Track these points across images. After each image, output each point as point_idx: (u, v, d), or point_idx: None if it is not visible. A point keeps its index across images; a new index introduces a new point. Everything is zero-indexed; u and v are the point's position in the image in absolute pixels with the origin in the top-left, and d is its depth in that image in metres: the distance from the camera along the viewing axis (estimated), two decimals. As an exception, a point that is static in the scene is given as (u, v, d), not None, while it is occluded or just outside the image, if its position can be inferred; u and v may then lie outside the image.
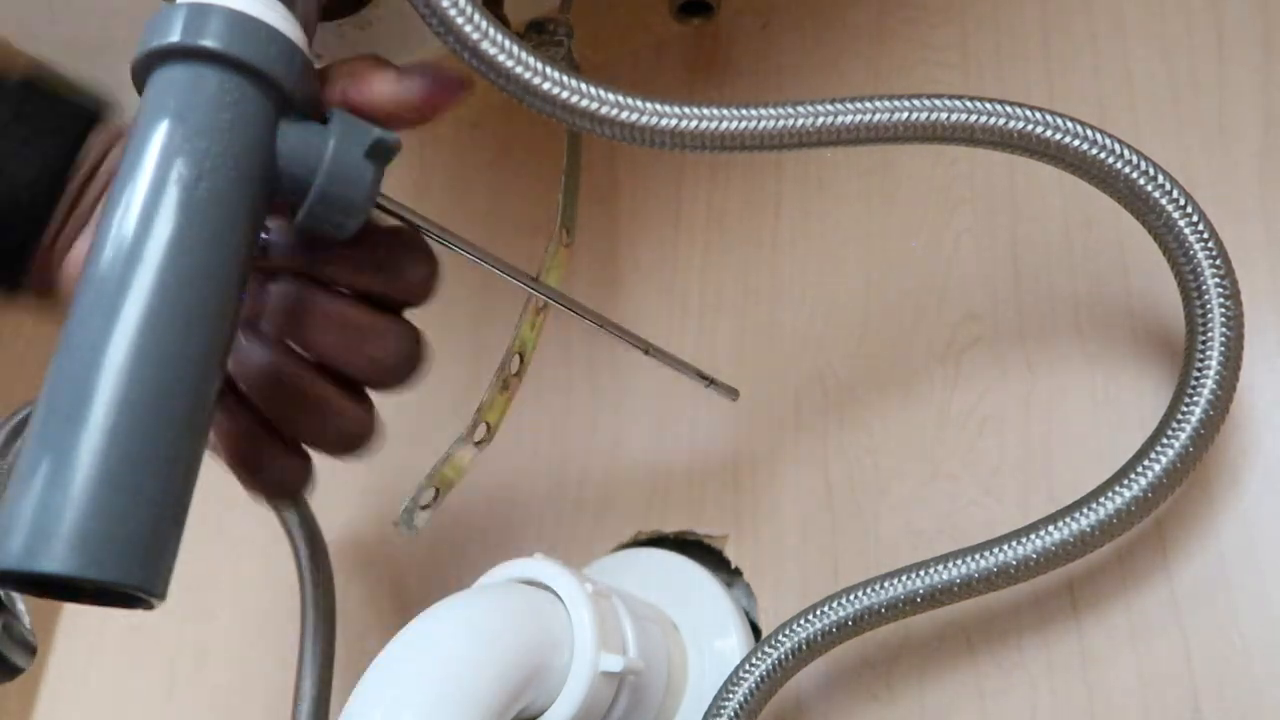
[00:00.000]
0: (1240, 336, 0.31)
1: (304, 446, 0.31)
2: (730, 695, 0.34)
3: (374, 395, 0.32)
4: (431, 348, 0.31)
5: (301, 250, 0.29)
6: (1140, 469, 0.31)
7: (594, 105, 0.28)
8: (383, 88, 0.28)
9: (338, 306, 0.29)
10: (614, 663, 0.33)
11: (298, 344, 0.30)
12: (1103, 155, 0.31)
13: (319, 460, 0.32)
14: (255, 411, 0.30)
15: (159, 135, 0.24)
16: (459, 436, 0.38)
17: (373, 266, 0.30)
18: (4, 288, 0.30)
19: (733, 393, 0.38)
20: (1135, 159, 0.31)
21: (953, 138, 0.31)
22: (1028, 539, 0.32)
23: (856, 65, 0.48)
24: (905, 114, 0.30)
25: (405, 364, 0.31)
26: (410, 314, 0.32)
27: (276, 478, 0.31)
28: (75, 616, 0.63)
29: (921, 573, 0.33)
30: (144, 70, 0.25)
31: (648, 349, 0.35)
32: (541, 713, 0.33)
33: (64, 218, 0.29)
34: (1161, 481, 0.31)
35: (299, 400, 0.30)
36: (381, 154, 0.27)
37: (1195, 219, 0.31)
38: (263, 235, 0.29)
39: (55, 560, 0.20)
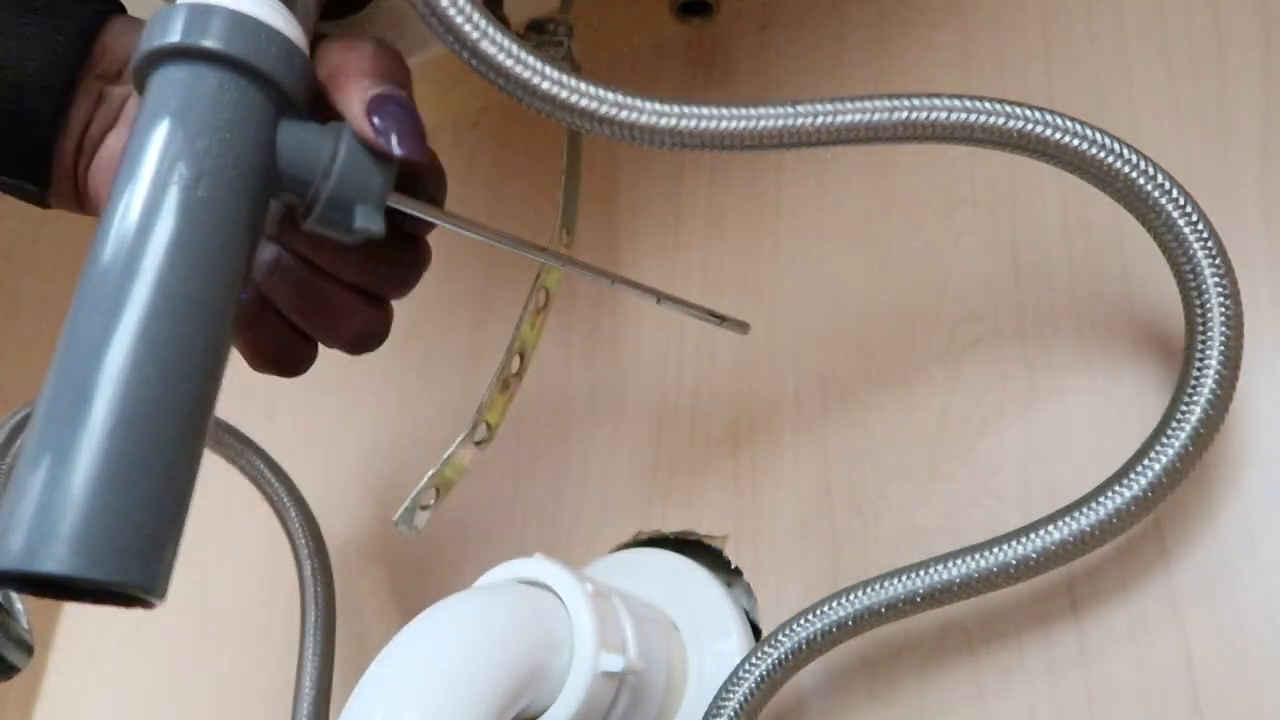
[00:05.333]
0: (1240, 336, 0.31)
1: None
2: (730, 695, 0.34)
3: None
4: (392, 323, 0.32)
5: (282, 230, 0.30)
6: (1140, 469, 0.31)
7: (594, 105, 0.28)
8: (355, 112, 0.27)
9: (311, 280, 0.30)
10: (614, 663, 0.33)
11: (274, 300, 0.30)
12: (1102, 155, 0.31)
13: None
14: (267, 299, 0.31)
15: (159, 135, 0.24)
16: (459, 437, 0.38)
17: (352, 258, 0.30)
18: (33, 187, 0.30)
19: (743, 326, 0.38)
20: (1135, 159, 0.31)
21: (953, 138, 0.31)
22: (1028, 539, 0.32)
23: (856, 65, 0.48)
24: (905, 114, 0.30)
25: (366, 340, 0.32)
26: (411, 305, 0.32)
27: (282, 355, 0.32)
28: (75, 616, 0.63)
29: (921, 573, 0.33)
30: (144, 70, 0.25)
31: (659, 298, 0.35)
32: (542, 712, 0.33)
33: (89, 114, 0.29)
34: (1161, 481, 0.31)
35: (313, 301, 0.31)
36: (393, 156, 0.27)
37: (1195, 219, 0.31)
38: None
39: (55, 560, 0.20)
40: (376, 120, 0.27)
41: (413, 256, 0.31)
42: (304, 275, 0.30)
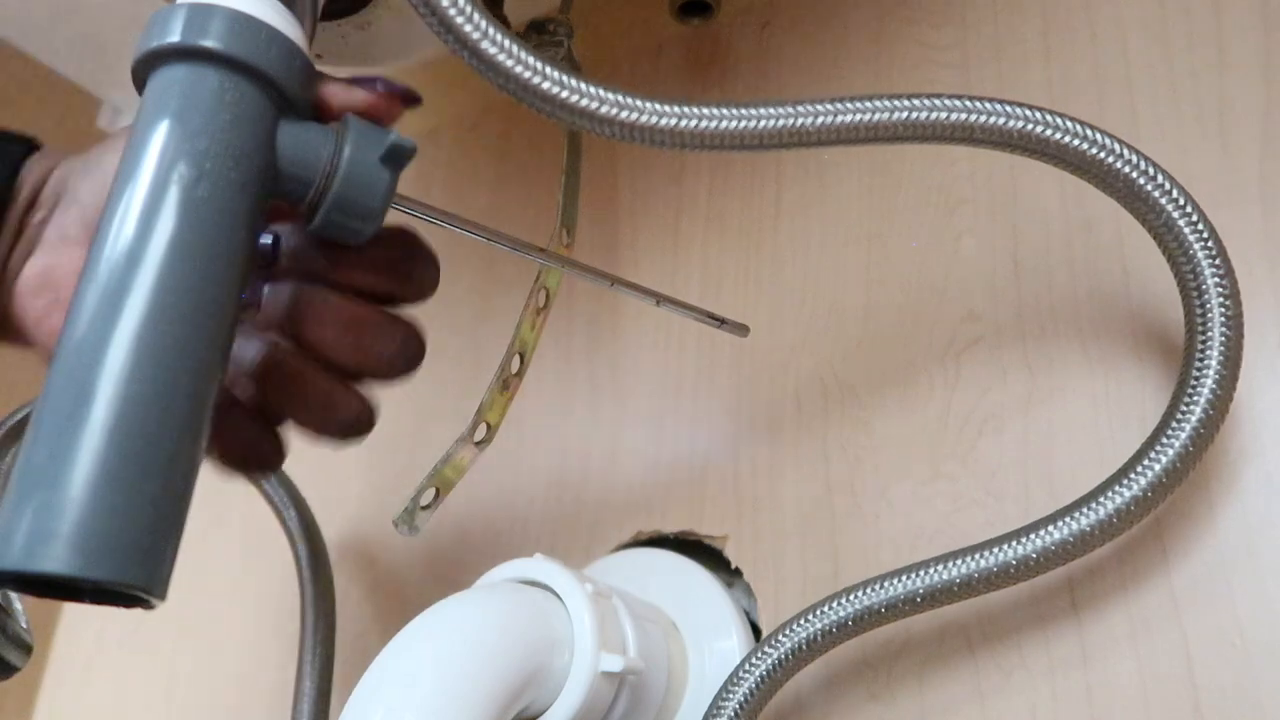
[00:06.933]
0: (1240, 336, 0.31)
1: (284, 430, 0.32)
2: (730, 695, 0.34)
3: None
4: (428, 340, 0.32)
5: (314, 255, 0.30)
6: (1140, 469, 0.31)
7: (594, 105, 0.28)
8: (333, 96, 0.28)
9: (341, 304, 0.30)
10: (614, 663, 0.33)
11: (300, 339, 0.30)
12: (1102, 155, 0.31)
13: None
14: (231, 393, 0.31)
15: (159, 135, 0.24)
16: (459, 436, 0.38)
17: (384, 269, 0.31)
18: None
19: (743, 329, 0.38)
20: (1135, 159, 0.31)
21: (953, 138, 0.31)
22: (1028, 539, 0.32)
23: (856, 65, 0.48)
24: (905, 114, 0.30)
25: (407, 358, 0.32)
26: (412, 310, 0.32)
27: (248, 454, 0.31)
28: (75, 616, 0.63)
29: (921, 573, 0.33)
30: (144, 70, 0.25)
31: (659, 300, 0.35)
32: (542, 713, 0.33)
33: (9, 248, 0.29)
34: (1161, 481, 0.31)
35: (300, 392, 0.30)
36: (398, 158, 0.27)
37: (1195, 219, 0.31)
38: (268, 239, 0.29)
39: (55, 560, 0.20)
40: (360, 88, 0.29)
41: (406, 333, 0.31)
42: (299, 368, 0.30)
